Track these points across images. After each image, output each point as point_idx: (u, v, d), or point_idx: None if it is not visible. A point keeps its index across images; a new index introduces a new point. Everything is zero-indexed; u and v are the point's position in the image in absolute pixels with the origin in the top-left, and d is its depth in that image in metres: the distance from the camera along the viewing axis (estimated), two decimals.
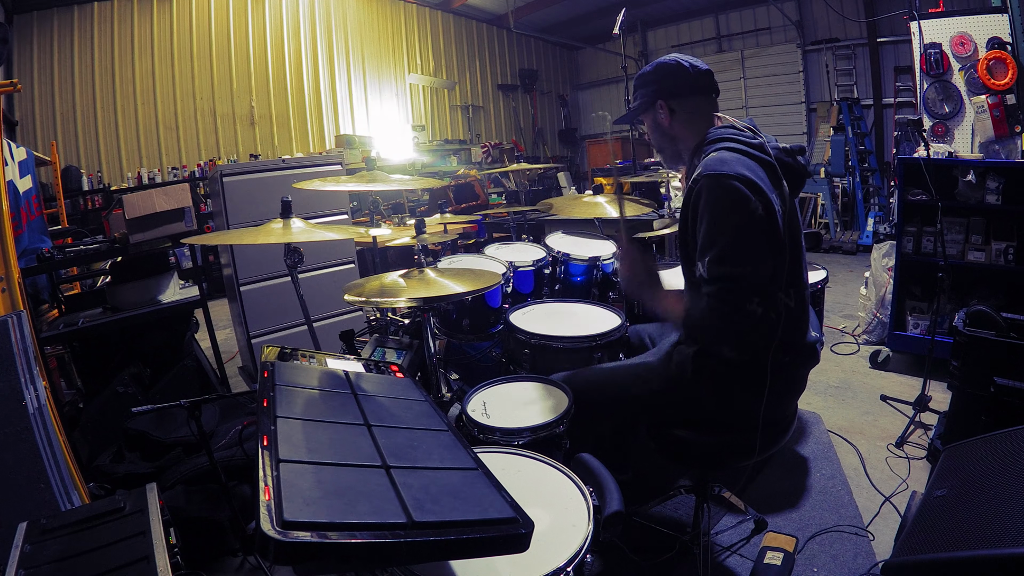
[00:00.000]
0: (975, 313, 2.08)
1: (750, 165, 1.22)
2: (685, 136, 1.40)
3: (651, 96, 1.40)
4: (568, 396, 1.40)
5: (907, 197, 2.93)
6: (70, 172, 5.75)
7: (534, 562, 0.85)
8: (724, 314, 1.16)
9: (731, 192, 1.17)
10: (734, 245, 1.16)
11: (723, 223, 1.18)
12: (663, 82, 1.39)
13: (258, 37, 6.95)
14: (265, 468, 0.70)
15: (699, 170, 1.24)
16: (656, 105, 1.40)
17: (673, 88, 1.38)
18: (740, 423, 1.34)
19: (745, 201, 1.16)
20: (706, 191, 1.20)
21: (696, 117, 1.39)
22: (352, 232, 2.21)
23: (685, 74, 1.38)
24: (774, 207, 1.20)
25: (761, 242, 1.17)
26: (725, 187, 1.18)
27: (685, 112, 1.39)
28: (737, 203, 1.16)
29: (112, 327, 2.40)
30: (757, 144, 1.28)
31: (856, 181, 6.62)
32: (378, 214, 4.55)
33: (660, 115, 1.40)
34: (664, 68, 1.39)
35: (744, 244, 1.16)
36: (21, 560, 1.09)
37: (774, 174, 1.26)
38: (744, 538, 1.75)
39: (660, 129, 1.43)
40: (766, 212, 1.18)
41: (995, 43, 2.89)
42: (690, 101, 1.39)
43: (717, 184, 1.19)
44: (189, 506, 1.79)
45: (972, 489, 1.26)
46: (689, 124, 1.39)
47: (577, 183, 9.46)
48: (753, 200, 1.16)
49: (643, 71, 1.43)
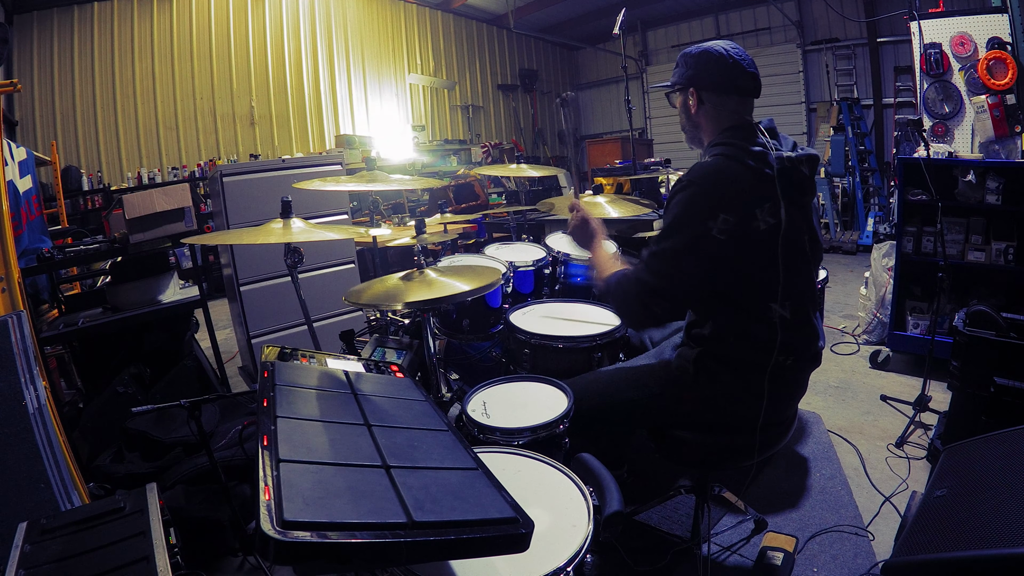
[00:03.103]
0: (975, 313, 2.08)
1: (736, 178, 1.23)
2: (707, 128, 1.39)
3: (685, 81, 1.38)
4: (568, 396, 1.40)
5: (907, 197, 2.93)
6: (70, 172, 5.75)
7: (534, 562, 0.85)
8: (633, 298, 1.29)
9: (696, 203, 1.23)
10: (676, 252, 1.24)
11: (677, 228, 1.24)
12: (702, 71, 1.35)
13: (258, 37, 6.95)
14: (265, 468, 0.70)
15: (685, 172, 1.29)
16: (688, 91, 1.38)
17: (709, 80, 1.35)
18: (741, 425, 1.34)
19: (708, 216, 1.20)
20: (680, 193, 1.26)
21: (722, 113, 1.35)
22: (352, 232, 2.22)
23: (727, 70, 1.32)
24: (750, 226, 1.21)
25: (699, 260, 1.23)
26: (692, 197, 1.24)
27: (712, 106, 1.36)
28: (697, 215, 1.21)
29: (112, 327, 2.40)
30: (757, 154, 1.25)
31: (856, 181, 6.62)
32: (378, 214, 4.55)
33: (689, 101, 1.39)
34: (708, 57, 1.34)
35: (683, 255, 1.23)
36: (21, 560, 1.09)
37: (768, 187, 1.23)
38: (744, 538, 1.76)
39: (687, 112, 1.41)
40: (728, 234, 1.20)
41: (995, 43, 2.89)
42: (721, 98, 1.35)
43: (687, 192, 1.25)
44: (189, 506, 1.79)
45: (972, 489, 1.26)
46: (714, 118, 1.36)
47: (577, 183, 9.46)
48: (720, 216, 1.20)
49: (688, 51, 1.39)
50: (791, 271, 1.26)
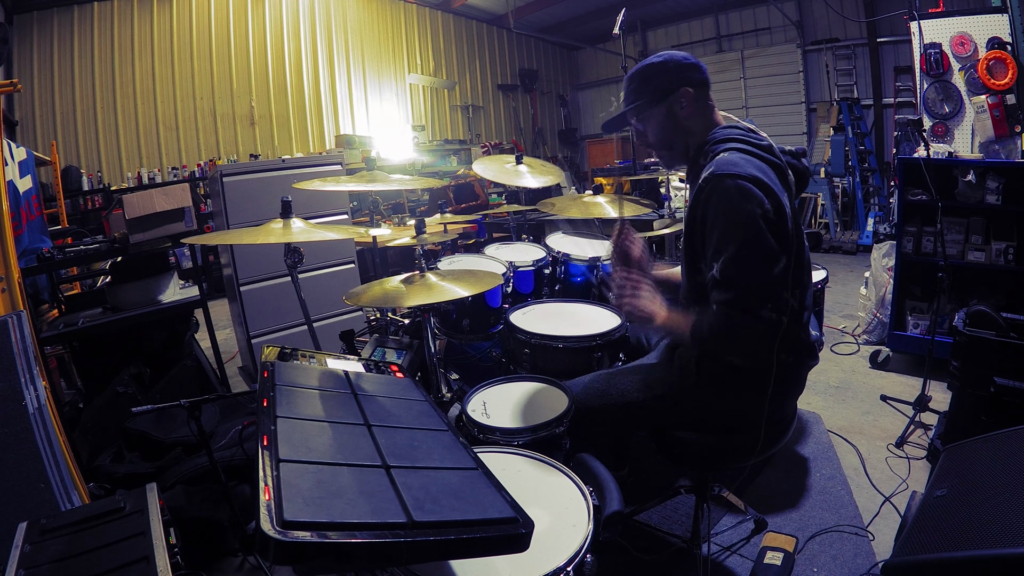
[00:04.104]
0: (975, 313, 2.08)
1: (761, 167, 1.21)
2: (696, 130, 1.36)
3: (671, 84, 1.32)
4: (568, 396, 1.40)
5: (907, 197, 2.93)
6: (70, 172, 5.75)
7: (534, 562, 0.85)
8: (737, 322, 1.13)
9: (744, 194, 1.15)
10: (749, 249, 1.14)
11: (736, 226, 1.15)
12: (682, 70, 1.33)
13: (258, 37, 6.95)
14: (265, 468, 0.70)
15: (710, 170, 1.20)
16: (678, 93, 1.32)
17: (693, 77, 1.33)
18: (742, 424, 1.34)
19: (758, 203, 1.15)
20: (719, 192, 1.17)
21: (708, 111, 1.35)
22: (352, 232, 2.22)
23: (696, 65, 1.34)
24: (785, 209, 1.19)
25: (772, 244, 1.15)
26: (738, 189, 1.15)
27: (702, 103, 1.34)
28: (750, 205, 1.14)
29: (112, 327, 2.40)
30: (766, 146, 1.27)
31: (856, 181, 6.62)
32: (378, 214, 4.56)
33: (682, 103, 1.33)
34: (677, 57, 1.34)
35: (757, 248, 1.14)
36: (21, 560, 1.09)
37: (783, 176, 1.25)
38: (744, 538, 1.75)
39: (675, 120, 1.35)
40: (777, 214, 1.16)
41: (995, 43, 2.89)
42: (703, 93, 1.35)
43: (730, 185, 1.16)
44: (189, 506, 1.79)
45: (972, 489, 1.26)
46: (702, 117, 1.35)
47: (577, 183, 9.46)
48: (766, 202, 1.15)
49: (649, 62, 1.36)
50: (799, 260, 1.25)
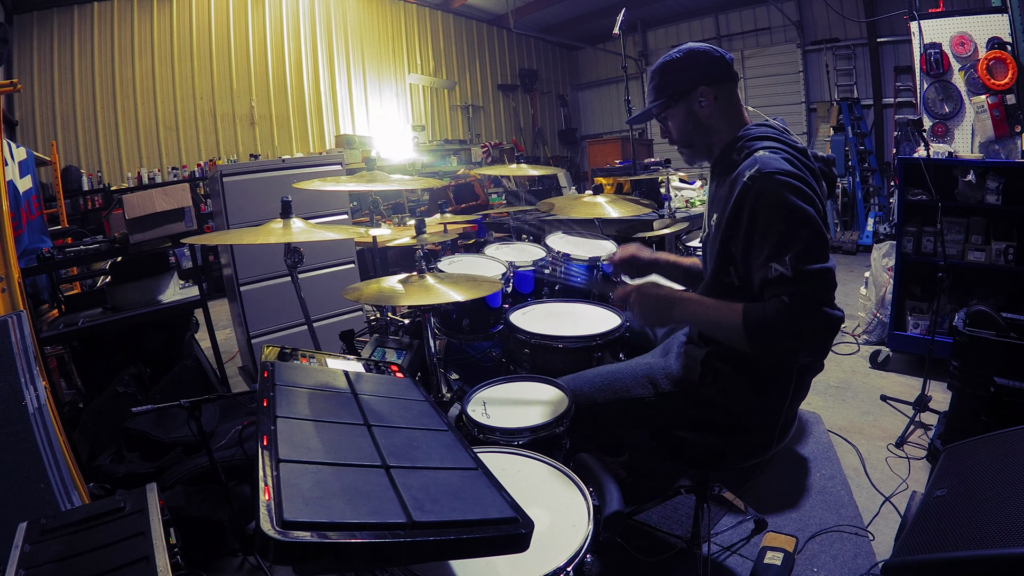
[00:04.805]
0: (975, 313, 2.08)
1: (802, 168, 1.20)
2: (721, 128, 1.33)
3: (688, 82, 1.31)
4: (568, 396, 1.40)
5: (907, 197, 2.93)
6: (70, 172, 5.75)
7: (534, 562, 0.85)
8: (815, 314, 1.08)
9: (800, 193, 1.14)
10: (816, 246, 1.11)
11: (801, 224, 1.12)
12: (701, 68, 1.30)
13: (258, 37, 6.95)
14: (265, 468, 0.70)
15: (755, 167, 1.17)
16: (696, 92, 1.30)
17: (716, 73, 1.30)
18: (745, 425, 1.33)
19: (813, 200, 1.15)
20: (772, 193, 1.14)
21: (734, 107, 1.33)
22: (352, 232, 2.22)
23: (719, 60, 1.30)
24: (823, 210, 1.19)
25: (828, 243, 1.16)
26: (795, 188, 1.14)
27: (724, 101, 1.31)
28: (808, 204, 1.14)
29: (112, 327, 2.40)
30: (801, 148, 1.25)
31: (856, 181, 6.62)
32: (378, 214, 4.56)
33: (701, 103, 1.31)
34: (697, 53, 1.31)
35: (822, 245, 1.13)
36: (21, 560, 1.09)
37: (818, 181, 1.24)
38: (744, 538, 1.76)
39: (695, 119, 1.33)
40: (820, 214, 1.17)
41: (995, 43, 2.89)
42: (727, 89, 1.32)
43: (784, 183, 1.14)
44: (189, 506, 1.79)
45: (972, 489, 1.26)
46: (727, 114, 1.32)
47: (577, 183, 9.46)
48: (817, 200, 1.16)
49: (670, 57, 1.33)
50: None
